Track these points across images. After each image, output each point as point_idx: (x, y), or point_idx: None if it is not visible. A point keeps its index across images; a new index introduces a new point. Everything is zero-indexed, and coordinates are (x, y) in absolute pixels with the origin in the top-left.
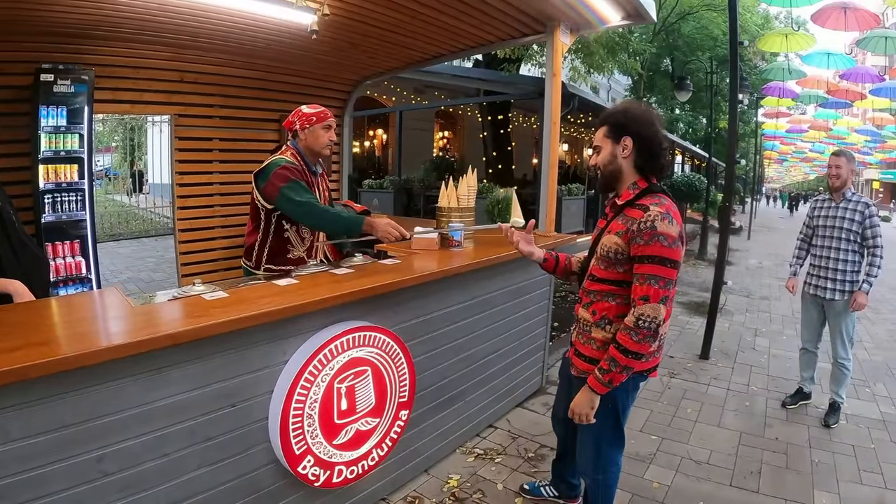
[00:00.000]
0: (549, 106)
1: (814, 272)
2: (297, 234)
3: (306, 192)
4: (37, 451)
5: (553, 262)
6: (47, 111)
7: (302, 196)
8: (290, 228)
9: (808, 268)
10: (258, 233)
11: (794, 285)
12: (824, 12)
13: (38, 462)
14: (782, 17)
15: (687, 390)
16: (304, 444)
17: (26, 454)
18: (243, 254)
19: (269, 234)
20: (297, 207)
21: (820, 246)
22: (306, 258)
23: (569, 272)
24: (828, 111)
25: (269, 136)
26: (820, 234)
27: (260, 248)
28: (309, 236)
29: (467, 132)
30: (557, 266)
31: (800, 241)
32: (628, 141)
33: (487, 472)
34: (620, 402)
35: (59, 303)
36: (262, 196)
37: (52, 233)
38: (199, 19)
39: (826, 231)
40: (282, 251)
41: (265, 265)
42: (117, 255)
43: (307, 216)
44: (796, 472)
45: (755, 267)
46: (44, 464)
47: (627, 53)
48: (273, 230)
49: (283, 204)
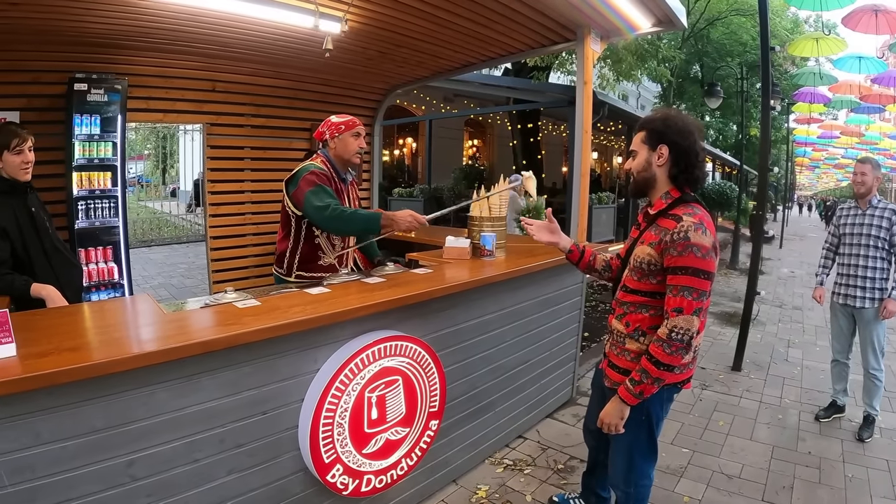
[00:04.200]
0: (580, 114)
1: (842, 281)
2: (327, 240)
3: (329, 196)
4: (67, 454)
5: (577, 255)
6: (81, 119)
7: (323, 200)
8: (321, 235)
9: (836, 276)
10: (289, 240)
11: (821, 295)
12: (855, 15)
13: (68, 465)
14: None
15: (719, 402)
16: (334, 453)
17: (56, 457)
18: (274, 261)
19: (300, 240)
20: (318, 212)
21: (847, 254)
22: (338, 265)
23: (591, 268)
24: (860, 116)
25: (299, 144)
26: (847, 241)
27: (291, 255)
28: (340, 243)
29: (497, 140)
30: (581, 259)
31: (825, 250)
32: (664, 149)
33: (516, 483)
34: (655, 413)
35: (91, 308)
36: (292, 202)
37: (85, 239)
38: (230, 29)
39: (853, 238)
40: (313, 258)
41: (296, 272)
42: (149, 261)
43: (328, 220)
44: (829, 488)
45: (787, 276)
46: (74, 467)
47: (657, 60)
48: (304, 237)
49: (307, 209)
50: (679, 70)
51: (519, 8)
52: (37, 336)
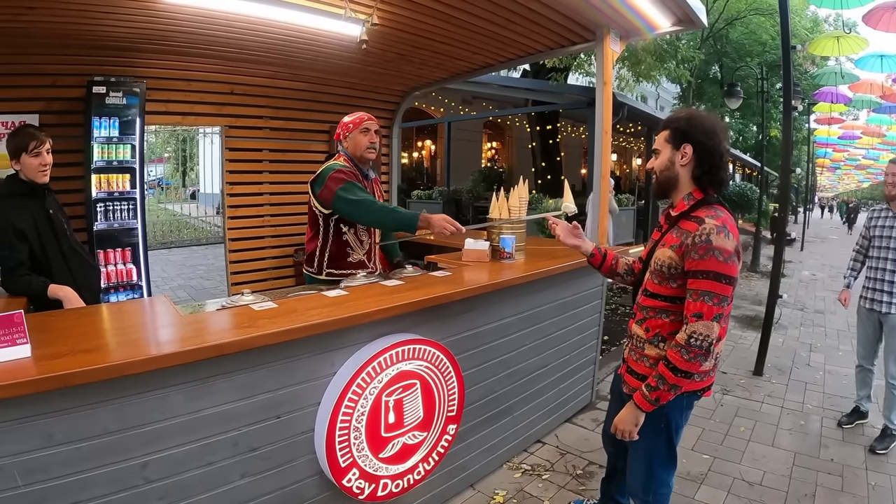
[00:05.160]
0: (599, 115)
1: (870, 285)
2: (355, 236)
3: (362, 191)
4: (80, 455)
5: (600, 259)
6: (100, 122)
7: (357, 195)
8: (349, 231)
9: (865, 280)
10: (318, 239)
11: (846, 298)
12: (875, 13)
13: (82, 466)
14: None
15: (740, 408)
16: (350, 457)
17: (70, 458)
18: (304, 261)
19: (328, 239)
20: (353, 207)
21: (876, 258)
22: (366, 261)
23: (614, 272)
24: (881, 116)
25: (317, 146)
26: (876, 244)
27: (321, 253)
28: (367, 238)
29: (515, 142)
30: (603, 263)
31: (855, 253)
32: (688, 149)
33: (534, 488)
34: (674, 421)
35: (108, 310)
36: (319, 201)
37: (104, 240)
38: (249, 32)
39: (882, 242)
40: (342, 255)
41: (327, 270)
42: (169, 263)
43: (365, 214)
44: (852, 496)
45: (809, 279)
46: (87, 468)
47: (676, 61)
48: (332, 235)
49: (339, 205)
50: (698, 71)
51: (537, 8)
52: (52, 337)
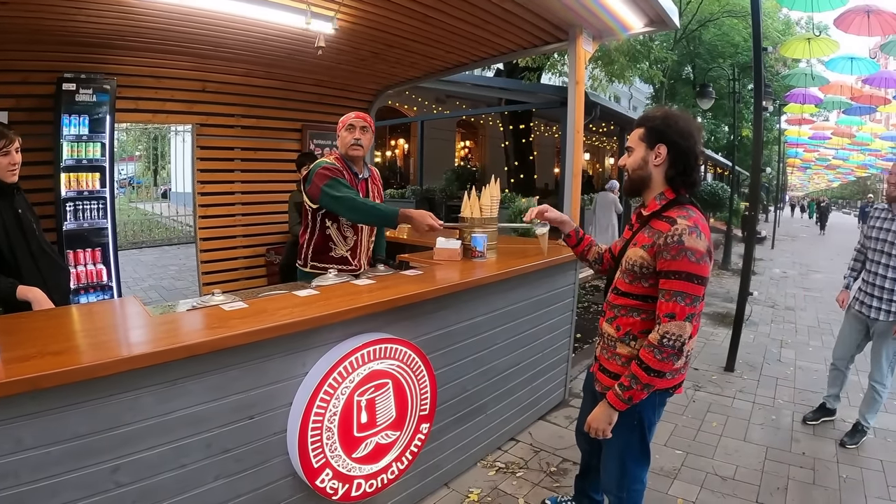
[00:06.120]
0: (571, 115)
1: (863, 287)
2: (339, 232)
3: (346, 187)
4: (50, 460)
5: (575, 240)
6: (69, 120)
7: (340, 191)
8: (332, 226)
9: (860, 282)
10: (307, 233)
11: (843, 299)
12: (847, 17)
13: (52, 471)
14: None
15: (712, 403)
16: (323, 457)
17: (39, 463)
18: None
19: (314, 232)
20: (336, 202)
21: (871, 260)
22: (350, 258)
23: (584, 256)
24: (851, 118)
25: (290, 145)
26: (871, 247)
27: (307, 246)
28: (353, 235)
29: (489, 141)
30: (578, 245)
31: (856, 253)
32: (662, 149)
33: (508, 486)
34: (647, 418)
35: (78, 311)
36: (308, 197)
37: (74, 240)
38: (222, 29)
39: (877, 244)
40: (325, 249)
41: (311, 262)
42: (140, 263)
43: (348, 210)
44: (824, 489)
45: (779, 276)
46: (57, 473)
47: (649, 61)
48: (318, 229)
49: (325, 201)
50: (671, 71)
51: (511, 8)
52: (21, 339)
